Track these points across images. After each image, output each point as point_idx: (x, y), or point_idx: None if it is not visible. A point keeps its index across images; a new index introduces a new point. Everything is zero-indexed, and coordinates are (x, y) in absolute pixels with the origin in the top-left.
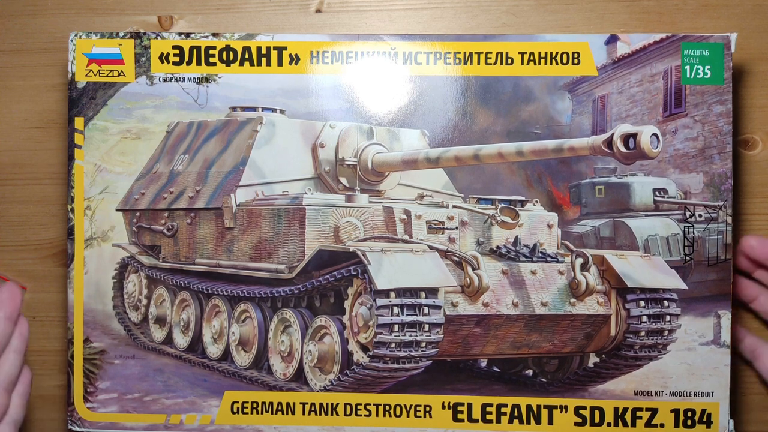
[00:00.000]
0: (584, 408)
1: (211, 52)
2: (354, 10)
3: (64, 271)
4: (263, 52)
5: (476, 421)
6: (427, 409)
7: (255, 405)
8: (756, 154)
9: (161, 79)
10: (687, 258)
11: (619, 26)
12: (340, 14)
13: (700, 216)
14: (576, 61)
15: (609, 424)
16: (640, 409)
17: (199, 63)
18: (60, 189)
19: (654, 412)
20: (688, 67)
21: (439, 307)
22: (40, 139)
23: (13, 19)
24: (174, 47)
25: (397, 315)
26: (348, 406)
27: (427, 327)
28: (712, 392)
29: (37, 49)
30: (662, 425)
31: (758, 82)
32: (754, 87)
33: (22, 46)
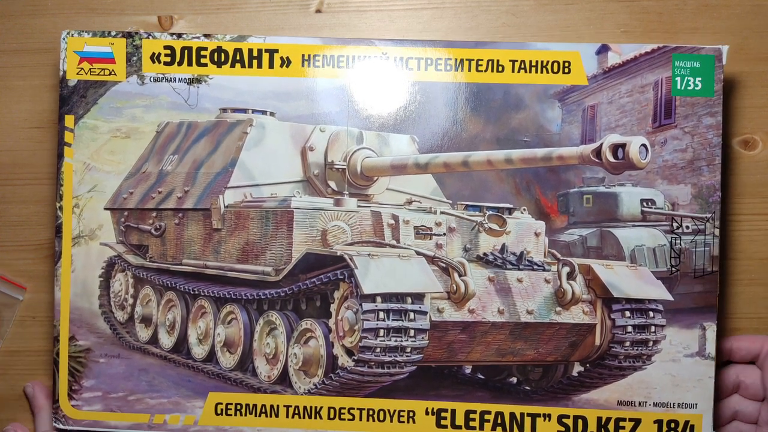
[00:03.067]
0: (567, 417)
1: (203, 53)
2: (354, 10)
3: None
4: (255, 54)
5: (459, 427)
6: (411, 414)
7: (239, 407)
8: (756, 154)
9: (152, 79)
10: (673, 269)
11: (619, 26)
12: (339, 14)
13: (687, 228)
14: (567, 70)
15: None
16: (624, 419)
17: (190, 63)
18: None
19: (637, 422)
20: (678, 79)
21: (424, 313)
22: (40, 139)
23: (14, 19)
24: (165, 47)
25: (383, 320)
26: (332, 410)
27: (412, 332)
28: (696, 404)
29: (37, 49)
30: None
31: (758, 82)
32: (754, 87)
33: (22, 46)
